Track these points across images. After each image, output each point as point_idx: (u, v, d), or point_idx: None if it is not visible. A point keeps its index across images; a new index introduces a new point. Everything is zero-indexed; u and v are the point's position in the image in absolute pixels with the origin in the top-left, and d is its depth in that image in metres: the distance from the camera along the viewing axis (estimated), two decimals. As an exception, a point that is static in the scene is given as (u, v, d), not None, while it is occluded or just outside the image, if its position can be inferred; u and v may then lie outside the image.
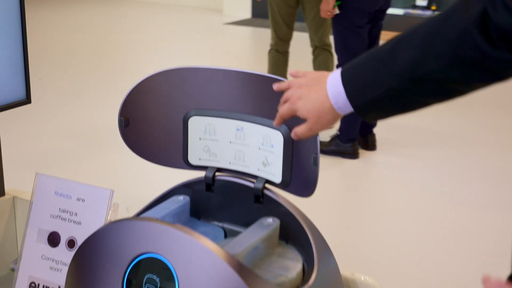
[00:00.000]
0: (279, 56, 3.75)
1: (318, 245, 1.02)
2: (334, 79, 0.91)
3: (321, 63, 3.64)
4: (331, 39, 3.44)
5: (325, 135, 3.24)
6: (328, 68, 3.59)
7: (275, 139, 1.03)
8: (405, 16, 6.03)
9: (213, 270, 0.89)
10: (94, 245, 1.00)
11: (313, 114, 0.92)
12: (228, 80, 1.05)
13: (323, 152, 3.13)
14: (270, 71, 3.75)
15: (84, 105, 3.96)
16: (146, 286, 0.94)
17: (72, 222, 1.47)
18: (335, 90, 0.91)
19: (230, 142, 1.09)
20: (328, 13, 3.06)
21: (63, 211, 1.48)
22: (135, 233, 0.95)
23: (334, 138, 3.16)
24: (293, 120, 0.99)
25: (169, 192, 1.15)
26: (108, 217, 1.42)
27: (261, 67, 4.23)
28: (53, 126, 3.57)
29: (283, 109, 0.95)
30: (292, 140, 1.01)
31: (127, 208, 1.44)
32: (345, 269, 1.17)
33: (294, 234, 1.05)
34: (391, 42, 0.88)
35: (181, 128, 1.11)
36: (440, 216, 2.58)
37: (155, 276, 0.94)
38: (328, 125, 0.93)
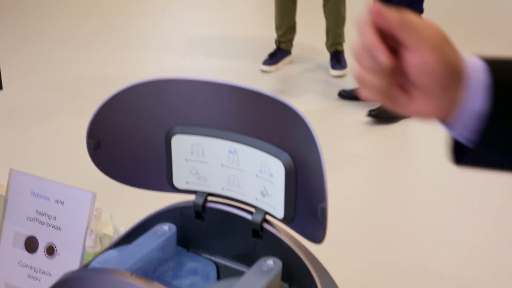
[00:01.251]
0: (286, 1, 3.51)
1: (327, 292, 0.86)
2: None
3: (332, 9, 3.40)
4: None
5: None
6: (340, 13, 3.36)
7: (275, 168, 0.85)
8: None
9: None
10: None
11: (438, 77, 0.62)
12: (218, 93, 0.87)
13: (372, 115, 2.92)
14: (276, 17, 3.53)
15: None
16: None
17: (51, 226, 1.31)
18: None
19: (222, 165, 0.91)
20: None
21: (41, 213, 1.32)
22: (107, 289, 0.79)
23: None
24: (298, 145, 0.81)
25: (153, 217, 0.98)
26: (90, 224, 1.26)
27: (267, 13, 3.99)
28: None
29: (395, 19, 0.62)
30: (296, 173, 0.83)
31: (111, 216, 1.27)
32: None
33: (298, 276, 0.89)
34: None
35: (163, 147, 0.93)
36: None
37: None
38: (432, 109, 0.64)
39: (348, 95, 3.21)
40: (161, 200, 1.23)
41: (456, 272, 2.04)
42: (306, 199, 0.83)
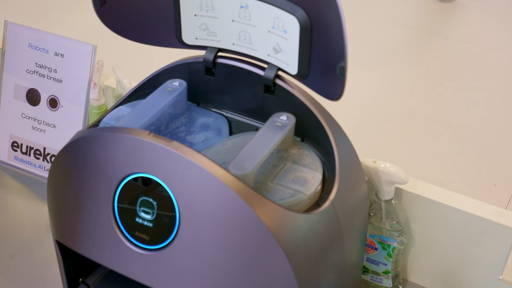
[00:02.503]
0: None
1: (339, 145, 0.88)
2: None
3: None
4: None
5: None
6: None
7: (289, 24, 0.83)
8: None
9: (218, 198, 0.76)
10: (74, 157, 0.84)
11: None
12: None
13: None
14: None
15: None
16: (141, 210, 0.81)
17: (52, 79, 1.30)
18: None
19: (233, 20, 0.89)
20: None
21: (40, 66, 1.31)
22: (125, 149, 0.80)
23: None
24: (315, 1, 0.79)
25: (161, 72, 0.97)
26: (93, 77, 1.26)
27: None
28: None
29: None
30: (311, 30, 0.82)
31: (114, 68, 1.26)
32: (366, 155, 1.04)
33: (311, 130, 0.90)
34: None
35: (171, 1, 0.90)
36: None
37: (151, 200, 0.80)
38: None
39: None
40: (163, 55, 1.22)
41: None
42: (323, 57, 0.82)
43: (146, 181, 0.79)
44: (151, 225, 0.81)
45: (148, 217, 0.81)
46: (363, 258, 1.04)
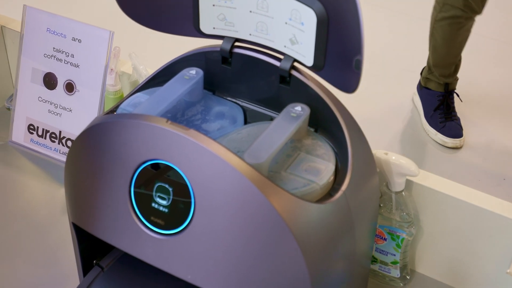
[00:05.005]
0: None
1: (352, 136, 0.89)
2: None
3: None
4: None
5: None
6: None
7: (306, 16, 0.85)
8: None
9: (233, 186, 0.78)
10: (92, 142, 0.86)
11: None
12: None
13: None
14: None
15: None
16: (157, 195, 0.83)
17: (69, 63, 1.32)
18: None
19: (251, 11, 0.90)
20: None
21: (58, 50, 1.33)
22: (142, 136, 0.82)
23: None
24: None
25: (178, 60, 0.99)
26: (109, 63, 1.27)
27: None
28: None
29: None
30: (328, 23, 0.83)
31: (130, 55, 1.27)
32: (378, 147, 1.05)
33: (324, 121, 0.91)
34: None
35: (191, -9, 0.91)
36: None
37: (167, 186, 0.82)
38: None
39: None
40: (179, 43, 1.23)
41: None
42: (339, 50, 0.84)
43: (163, 167, 0.81)
44: (166, 210, 0.83)
45: (164, 202, 0.83)
46: (372, 248, 1.06)
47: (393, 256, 1.12)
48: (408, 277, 1.15)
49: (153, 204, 0.83)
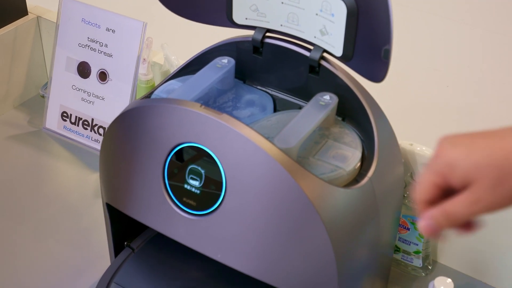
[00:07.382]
0: None
1: (378, 126, 0.92)
2: None
3: None
4: None
5: None
6: None
7: (337, 8, 0.87)
8: None
9: (263, 169, 0.81)
10: (128, 125, 0.90)
11: (488, 172, 0.59)
12: None
13: None
14: None
15: None
16: (190, 177, 0.86)
17: (102, 53, 1.36)
18: None
19: (282, 2, 0.93)
20: None
21: (92, 40, 1.36)
22: (177, 120, 0.85)
23: None
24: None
25: (212, 49, 1.02)
26: (142, 53, 1.31)
27: None
28: None
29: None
30: (358, 14, 0.85)
31: (162, 45, 1.31)
32: (403, 138, 1.07)
33: (352, 111, 0.94)
34: None
35: (225, -18, 0.95)
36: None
37: (199, 168, 0.85)
38: None
39: None
40: (209, 34, 1.26)
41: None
42: (368, 40, 0.86)
43: (196, 150, 0.84)
44: (198, 192, 0.86)
45: (196, 184, 0.86)
46: (395, 237, 1.08)
47: (416, 246, 1.14)
48: (430, 267, 1.17)
49: (185, 186, 0.87)
